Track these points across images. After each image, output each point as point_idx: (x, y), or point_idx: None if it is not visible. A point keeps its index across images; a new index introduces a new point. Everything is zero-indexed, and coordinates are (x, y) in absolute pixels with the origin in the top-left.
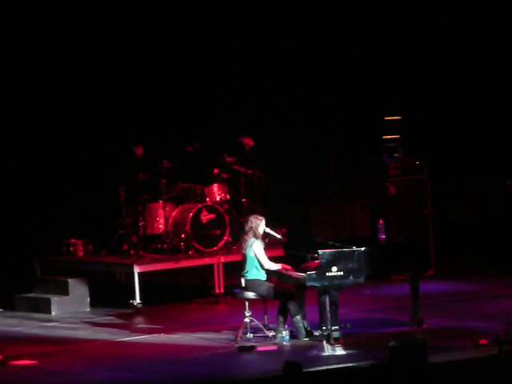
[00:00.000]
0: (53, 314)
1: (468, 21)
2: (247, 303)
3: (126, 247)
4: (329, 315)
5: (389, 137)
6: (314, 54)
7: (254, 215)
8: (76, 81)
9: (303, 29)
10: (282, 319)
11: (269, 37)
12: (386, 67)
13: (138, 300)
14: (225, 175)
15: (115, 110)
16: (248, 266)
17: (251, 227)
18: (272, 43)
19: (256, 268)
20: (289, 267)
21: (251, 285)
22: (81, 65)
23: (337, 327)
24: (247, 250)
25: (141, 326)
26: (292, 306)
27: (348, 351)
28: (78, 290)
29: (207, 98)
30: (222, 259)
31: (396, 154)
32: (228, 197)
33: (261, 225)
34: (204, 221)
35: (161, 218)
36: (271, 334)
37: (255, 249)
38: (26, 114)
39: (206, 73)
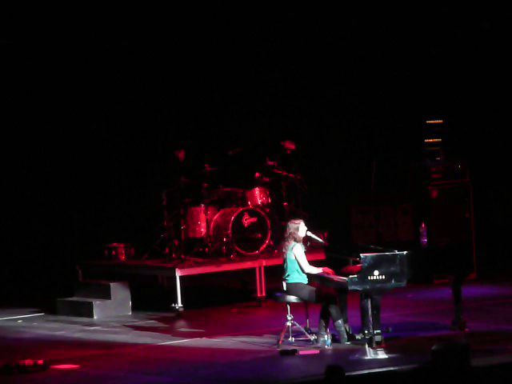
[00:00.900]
0: (95, 317)
1: (510, 20)
2: (289, 307)
3: (167, 251)
4: (371, 319)
5: (431, 140)
6: (356, 58)
7: (291, 220)
8: (119, 84)
9: (344, 31)
10: (323, 323)
11: (310, 40)
12: (427, 70)
13: (179, 304)
14: (266, 179)
15: (158, 114)
16: (289, 270)
17: (290, 233)
18: (314, 47)
19: (297, 271)
20: (330, 271)
21: (293, 288)
22: (126, 69)
23: (379, 331)
24: (288, 253)
25: (182, 329)
26: (334, 310)
27: (390, 355)
28: (120, 294)
29: (249, 101)
30: (264, 263)
31: (438, 158)
32: (269, 200)
33: (300, 227)
34: (245, 224)
35: (202, 221)
36: (313, 337)
37: (296, 252)
38: (70, 119)
39: (249, 77)
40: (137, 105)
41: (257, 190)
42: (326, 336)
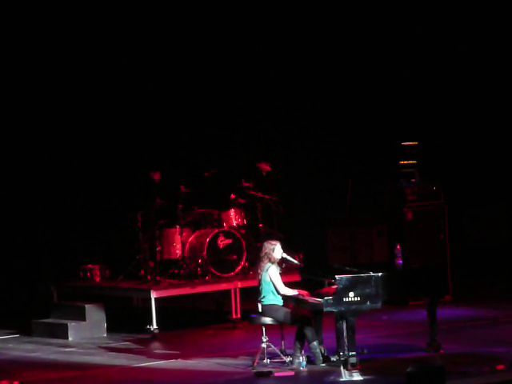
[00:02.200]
0: (70, 339)
1: (487, 45)
2: (264, 328)
3: (142, 272)
4: (346, 341)
5: (406, 162)
6: (331, 79)
7: (268, 240)
8: (93, 104)
9: (319, 53)
10: (299, 345)
11: (285, 60)
12: (402, 93)
13: (154, 325)
14: (242, 200)
15: (132, 135)
16: (264, 291)
17: (266, 253)
18: (289, 67)
19: (272, 293)
20: (305, 293)
21: (268, 310)
22: (98, 87)
23: (354, 353)
24: (263, 274)
25: (158, 351)
26: (309, 332)
27: (365, 377)
28: (95, 316)
29: (224, 123)
30: (239, 284)
31: (413, 180)
32: (245, 222)
33: (276, 249)
34: (221, 246)
35: (178, 243)
36: (288, 359)
37: (271, 274)
38: (43, 138)
39: (224, 97)
40: (112, 125)
41: (232, 212)
42: (301, 358)
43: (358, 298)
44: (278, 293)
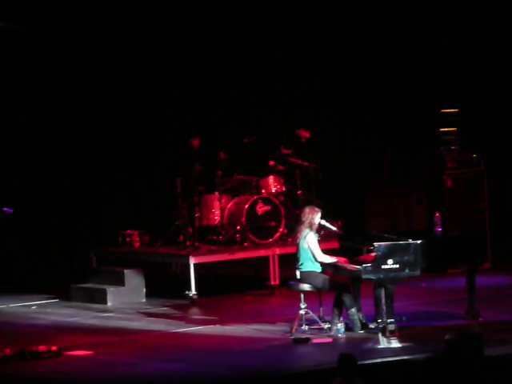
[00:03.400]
0: (109, 304)
1: None
2: (302, 295)
3: (181, 238)
4: (384, 308)
5: (445, 129)
6: (371, 47)
7: (311, 206)
8: (135, 72)
9: (357, 21)
10: (337, 311)
11: (326, 30)
12: (442, 59)
13: (193, 291)
14: (280, 167)
15: (173, 102)
16: (302, 258)
17: (308, 218)
18: (329, 37)
19: (310, 260)
20: (344, 260)
21: (306, 277)
22: (141, 56)
23: (392, 320)
24: (301, 241)
25: (196, 317)
26: (347, 299)
27: (403, 344)
28: (134, 281)
29: (264, 89)
30: (278, 251)
31: (453, 147)
32: (283, 189)
33: (316, 217)
34: (259, 212)
35: (216, 209)
36: (326, 326)
37: (309, 241)
38: (85, 106)
39: (263, 65)
40: (153, 93)
41: (271, 179)
42: (339, 324)
43: (397, 266)
44: (316, 260)
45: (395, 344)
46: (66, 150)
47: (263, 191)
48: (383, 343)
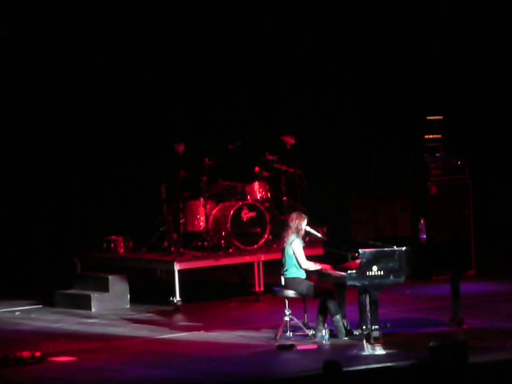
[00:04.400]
0: (93, 310)
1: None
2: (287, 302)
3: (166, 244)
4: (369, 314)
5: (430, 136)
6: (357, 55)
7: (298, 213)
8: (116, 77)
9: (346, 28)
10: (321, 318)
11: (312, 35)
12: (427, 67)
13: (177, 297)
14: (266, 173)
15: (158, 108)
16: (287, 264)
17: (295, 223)
18: (315, 42)
19: (295, 266)
20: (328, 267)
21: (291, 283)
22: (124, 62)
23: (377, 327)
24: (287, 247)
25: (180, 323)
26: (332, 305)
27: (388, 351)
28: (119, 287)
29: (249, 95)
30: (262, 257)
31: (437, 154)
32: (269, 195)
33: (303, 223)
34: (245, 219)
35: (201, 215)
36: (311, 332)
37: (295, 247)
38: (69, 113)
39: (249, 71)
40: (138, 98)
41: (256, 185)
42: (323, 331)
43: (382, 272)
44: (300, 267)
45: (379, 351)
46: (50, 155)
47: (248, 197)
48: (367, 350)
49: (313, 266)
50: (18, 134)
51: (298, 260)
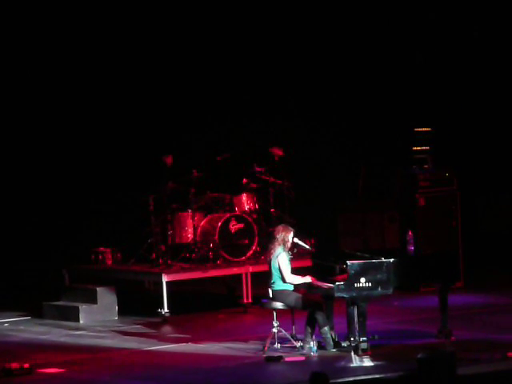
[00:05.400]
0: (81, 322)
1: (500, 30)
2: (275, 313)
3: (154, 256)
4: (357, 326)
5: (419, 148)
6: (344, 65)
7: (284, 225)
8: (106, 87)
9: (333, 41)
10: (309, 330)
11: (300, 48)
12: (415, 78)
13: (165, 309)
14: (254, 185)
15: (146, 119)
16: (274, 277)
17: (281, 236)
18: (302, 54)
19: (282, 279)
20: (312, 278)
21: (279, 295)
22: (112, 75)
23: (365, 338)
24: (273, 260)
25: (168, 335)
26: (320, 317)
27: (376, 362)
28: (107, 299)
29: (237, 107)
30: (250, 269)
31: (426, 166)
32: (257, 207)
33: (290, 236)
34: (232, 230)
35: (189, 227)
36: (299, 344)
37: (280, 261)
38: (57, 125)
39: (237, 83)
40: (125, 110)
41: (244, 196)
42: (311, 343)
43: (370, 284)
44: (284, 281)
45: (367, 362)
46: (38, 167)
47: (236, 209)
48: (355, 362)
49: (297, 280)
50: (4, 145)
51: (282, 274)
